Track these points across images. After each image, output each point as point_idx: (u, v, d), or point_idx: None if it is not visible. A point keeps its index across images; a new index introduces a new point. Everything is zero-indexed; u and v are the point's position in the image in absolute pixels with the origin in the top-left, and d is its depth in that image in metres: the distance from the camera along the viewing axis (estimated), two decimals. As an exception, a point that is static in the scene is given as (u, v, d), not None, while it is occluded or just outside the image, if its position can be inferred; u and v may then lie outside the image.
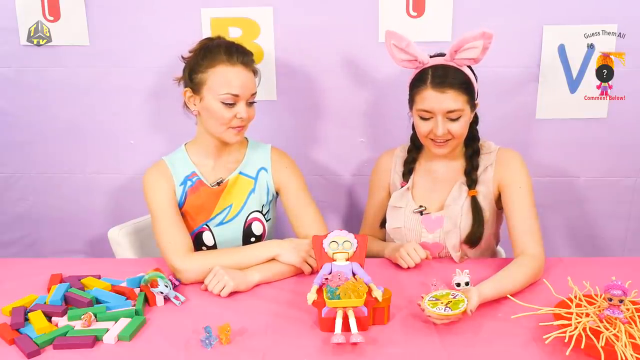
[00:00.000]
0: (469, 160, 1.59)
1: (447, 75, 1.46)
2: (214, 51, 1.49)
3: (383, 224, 1.69)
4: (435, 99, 1.46)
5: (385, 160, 1.73)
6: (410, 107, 1.57)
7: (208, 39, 1.57)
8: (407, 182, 1.64)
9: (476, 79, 1.54)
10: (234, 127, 1.52)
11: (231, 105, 1.49)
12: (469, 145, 1.60)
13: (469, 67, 1.52)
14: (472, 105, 1.52)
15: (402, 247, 1.53)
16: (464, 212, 1.56)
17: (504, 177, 1.56)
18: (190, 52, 1.55)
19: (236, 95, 1.48)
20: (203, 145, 1.61)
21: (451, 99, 1.45)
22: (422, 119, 1.51)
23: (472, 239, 1.55)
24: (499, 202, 1.60)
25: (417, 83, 1.51)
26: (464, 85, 1.47)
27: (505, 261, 1.51)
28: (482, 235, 1.55)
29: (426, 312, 1.21)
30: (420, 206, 1.61)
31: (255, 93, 1.54)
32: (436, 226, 1.58)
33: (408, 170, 1.66)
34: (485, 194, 1.57)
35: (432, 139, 1.52)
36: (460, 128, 1.49)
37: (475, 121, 1.60)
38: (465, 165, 1.60)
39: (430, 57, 1.53)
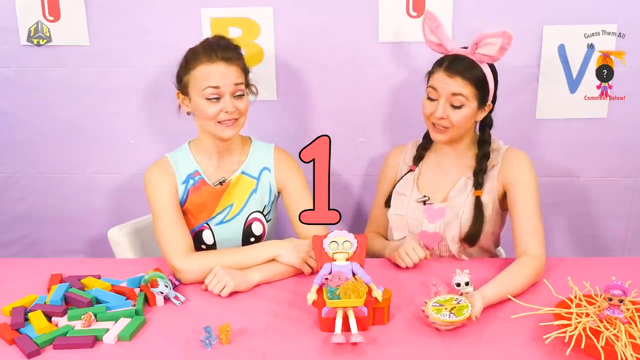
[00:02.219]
0: (479, 162, 1.60)
1: (462, 65, 1.51)
2: (196, 52, 1.51)
3: (387, 203, 1.70)
4: (443, 81, 1.51)
5: (394, 155, 1.75)
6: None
7: (206, 39, 1.57)
8: (417, 166, 1.66)
9: (496, 83, 1.57)
10: (223, 121, 1.52)
11: (216, 100, 1.49)
12: (481, 147, 1.61)
13: (493, 70, 1.55)
14: (481, 102, 1.53)
15: (400, 246, 1.53)
16: (466, 207, 1.57)
17: (509, 176, 1.56)
18: (188, 49, 1.55)
19: (216, 87, 1.48)
20: (205, 145, 1.61)
21: (457, 85, 1.50)
22: (429, 98, 1.55)
23: (470, 238, 1.57)
24: (503, 202, 1.60)
25: (435, 65, 1.56)
26: (476, 79, 1.50)
27: (506, 261, 1.51)
28: (479, 235, 1.56)
29: (430, 318, 1.21)
30: (424, 196, 1.62)
31: (240, 83, 1.52)
32: (438, 217, 1.59)
33: (419, 155, 1.68)
34: (489, 190, 1.58)
35: (432, 123, 1.56)
36: (460, 118, 1.51)
37: (489, 124, 1.62)
38: (473, 164, 1.61)
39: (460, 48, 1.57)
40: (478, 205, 1.56)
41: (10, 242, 2.21)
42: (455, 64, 1.50)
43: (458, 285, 1.31)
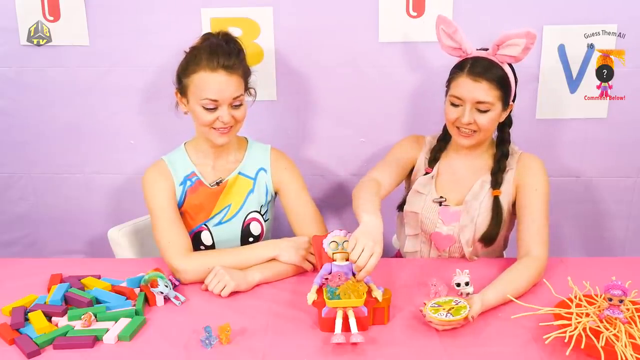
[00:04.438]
0: (497, 161, 1.59)
1: (484, 67, 1.48)
2: (198, 56, 1.48)
3: (400, 207, 1.69)
4: (468, 87, 1.48)
5: (416, 140, 1.71)
6: (446, 94, 1.57)
7: (208, 34, 1.56)
8: (432, 169, 1.64)
9: (516, 81, 1.55)
10: (218, 129, 1.52)
11: (212, 109, 1.49)
12: (500, 147, 1.60)
13: (511, 67, 1.54)
14: (505, 103, 1.52)
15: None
16: (483, 210, 1.56)
17: (522, 179, 1.56)
18: (190, 48, 1.54)
19: (215, 100, 1.47)
20: (202, 146, 1.61)
21: (483, 90, 1.47)
22: (452, 105, 1.52)
23: (488, 238, 1.56)
24: (515, 206, 1.59)
25: (456, 70, 1.53)
26: (500, 80, 1.48)
27: (507, 261, 1.51)
28: (498, 234, 1.56)
29: (427, 317, 1.21)
30: (441, 197, 1.61)
31: (239, 96, 1.50)
32: (453, 219, 1.58)
33: (434, 157, 1.66)
34: (504, 193, 1.57)
35: (457, 127, 1.53)
36: (487, 121, 1.50)
37: (509, 124, 1.61)
38: (491, 165, 1.60)
39: (477, 50, 1.54)
40: (496, 205, 1.56)
41: (10, 242, 2.21)
42: (478, 67, 1.48)
43: (458, 285, 1.31)
